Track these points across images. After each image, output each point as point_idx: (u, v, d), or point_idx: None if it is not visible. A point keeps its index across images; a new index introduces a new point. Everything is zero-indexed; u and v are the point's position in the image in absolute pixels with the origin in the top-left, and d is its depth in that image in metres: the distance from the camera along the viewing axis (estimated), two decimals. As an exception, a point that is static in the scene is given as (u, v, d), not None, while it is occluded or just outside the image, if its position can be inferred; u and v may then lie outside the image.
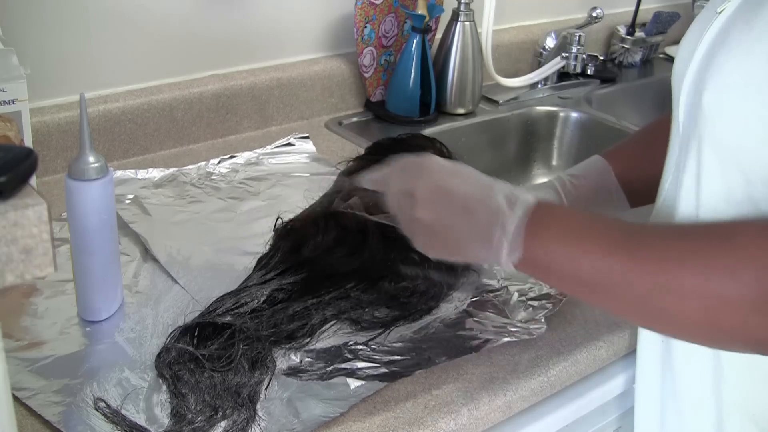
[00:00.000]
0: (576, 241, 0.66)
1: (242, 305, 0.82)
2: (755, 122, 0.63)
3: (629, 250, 0.63)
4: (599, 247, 0.64)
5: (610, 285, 0.64)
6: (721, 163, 0.67)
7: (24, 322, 0.82)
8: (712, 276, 0.59)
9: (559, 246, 0.66)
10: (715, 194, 0.68)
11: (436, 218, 0.70)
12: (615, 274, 0.63)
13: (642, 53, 1.79)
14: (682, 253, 0.61)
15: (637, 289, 0.62)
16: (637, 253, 0.63)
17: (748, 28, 0.65)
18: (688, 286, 0.60)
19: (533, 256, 0.67)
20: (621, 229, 0.66)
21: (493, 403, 0.77)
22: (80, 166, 0.78)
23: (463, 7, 1.40)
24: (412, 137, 1.06)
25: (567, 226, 0.67)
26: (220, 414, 0.70)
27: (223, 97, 1.27)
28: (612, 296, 0.65)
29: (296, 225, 0.93)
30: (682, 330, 0.65)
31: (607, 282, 0.64)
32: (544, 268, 0.68)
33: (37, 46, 1.11)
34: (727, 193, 0.67)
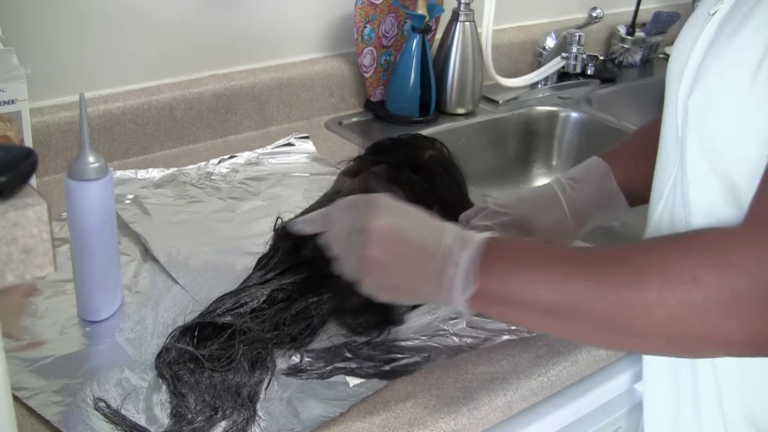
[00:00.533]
0: (531, 269, 0.64)
1: (242, 305, 0.82)
2: (738, 126, 0.63)
3: (588, 271, 0.62)
4: (556, 271, 0.63)
5: (571, 308, 0.62)
6: (708, 166, 0.67)
7: (24, 322, 0.82)
8: (675, 284, 0.58)
9: (514, 276, 0.64)
10: (704, 199, 0.68)
11: (388, 257, 0.68)
12: (575, 296, 0.62)
13: (642, 53, 1.79)
14: (642, 266, 0.60)
15: (600, 308, 0.61)
16: (596, 271, 0.62)
17: (736, 33, 0.65)
18: (652, 297, 0.59)
19: (488, 290, 0.65)
20: (576, 252, 0.66)
21: (493, 403, 0.77)
22: (80, 166, 0.78)
23: (463, 7, 1.40)
24: (412, 137, 1.06)
25: (521, 256, 0.66)
26: (220, 414, 0.70)
27: (223, 97, 1.27)
28: (574, 320, 0.63)
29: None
30: (651, 344, 0.64)
31: (568, 305, 0.62)
32: (501, 301, 0.66)
33: (37, 46, 1.11)
34: (715, 196, 0.67)
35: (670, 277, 0.59)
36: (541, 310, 0.64)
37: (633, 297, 0.60)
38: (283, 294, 0.84)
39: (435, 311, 0.87)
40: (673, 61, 0.75)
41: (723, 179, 0.66)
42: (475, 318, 0.86)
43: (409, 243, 0.68)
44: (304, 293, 0.84)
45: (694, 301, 0.58)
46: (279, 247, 0.90)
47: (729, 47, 0.65)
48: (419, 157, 0.99)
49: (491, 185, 1.43)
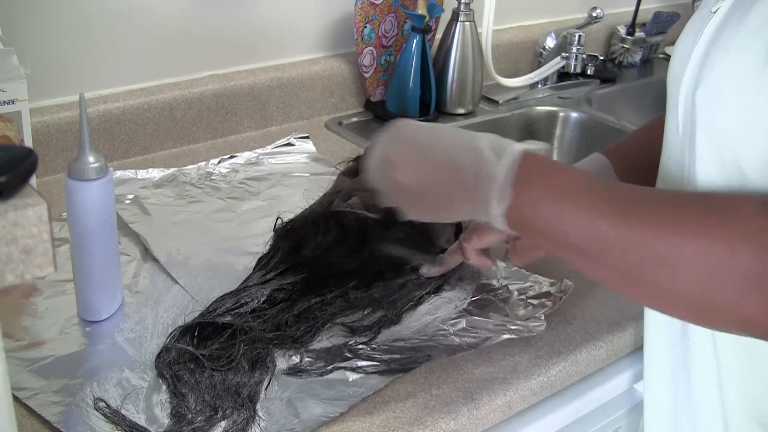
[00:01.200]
0: (566, 199, 0.63)
1: (242, 305, 0.82)
2: (748, 117, 0.63)
3: (623, 215, 0.60)
4: (591, 208, 0.61)
5: (601, 251, 0.61)
6: (716, 158, 0.67)
7: (24, 322, 0.82)
8: (710, 250, 0.57)
9: (547, 203, 0.63)
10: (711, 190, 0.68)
11: (417, 179, 0.68)
12: (607, 240, 0.60)
13: (642, 53, 1.79)
14: (680, 223, 0.58)
15: (629, 257, 0.60)
16: (632, 218, 0.60)
17: (741, 26, 0.65)
18: (684, 258, 0.57)
19: (521, 211, 0.64)
20: (615, 190, 0.63)
21: (493, 403, 0.77)
22: (80, 166, 0.78)
23: (463, 7, 1.40)
24: None
25: (557, 181, 0.64)
26: (220, 414, 0.70)
27: (223, 97, 1.27)
28: (601, 263, 0.62)
29: (296, 225, 0.93)
30: (671, 303, 0.63)
31: (598, 248, 0.61)
32: (532, 226, 0.64)
33: (37, 46, 1.11)
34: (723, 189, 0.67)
35: (705, 241, 0.57)
36: (570, 246, 0.63)
37: (665, 254, 0.58)
38: (284, 294, 0.84)
39: (435, 311, 0.87)
40: (675, 60, 0.75)
41: (731, 171, 0.65)
42: (475, 318, 0.86)
43: (438, 159, 0.67)
44: (305, 293, 0.84)
45: (725, 271, 0.56)
46: (279, 247, 0.91)
47: (735, 39, 0.65)
48: None
49: (491, 185, 1.43)
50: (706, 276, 0.57)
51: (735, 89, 0.64)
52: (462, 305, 0.88)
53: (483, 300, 0.89)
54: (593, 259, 0.63)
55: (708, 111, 0.68)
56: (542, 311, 0.86)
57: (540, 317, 0.86)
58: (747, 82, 0.63)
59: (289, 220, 0.95)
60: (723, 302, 0.57)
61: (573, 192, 0.63)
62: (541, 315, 0.86)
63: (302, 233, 0.90)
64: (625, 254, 0.60)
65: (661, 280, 0.59)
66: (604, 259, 0.62)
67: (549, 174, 0.65)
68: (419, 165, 0.68)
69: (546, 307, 0.87)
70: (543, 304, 0.88)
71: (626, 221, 0.60)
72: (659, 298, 0.63)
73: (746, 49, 0.64)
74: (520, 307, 0.88)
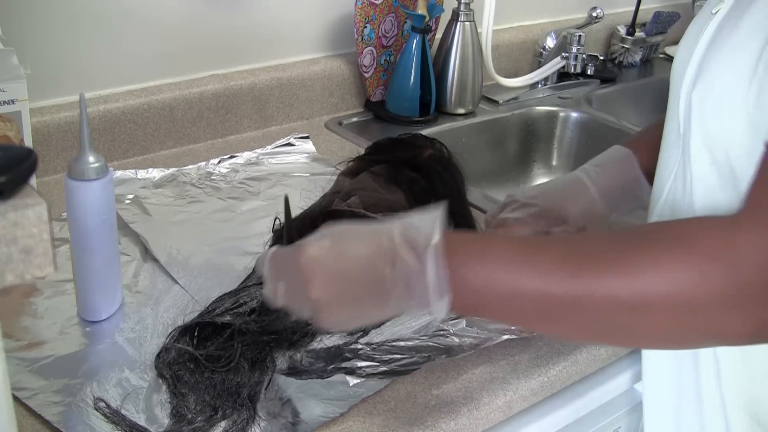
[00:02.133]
0: (511, 279, 0.58)
1: (241, 305, 0.82)
2: (742, 119, 0.63)
3: (577, 270, 0.57)
4: (537, 275, 0.58)
5: (561, 315, 0.58)
6: (709, 156, 0.68)
7: (24, 322, 0.82)
8: (682, 281, 0.56)
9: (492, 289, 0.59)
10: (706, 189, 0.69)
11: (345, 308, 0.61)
12: (564, 303, 0.57)
13: (642, 53, 1.79)
14: (637, 261, 0.56)
15: (595, 312, 0.57)
16: (587, 270, 0.57)
17: (737, 28, 0.65)
18: (657, 297, 0.56)
19: (465, 302, 0.60)
20: (558, 246, 0.60)
21: (493, 403, 0.77)
22: (80, 166, 0.78)
23: (463, 7, 1.40)
24: (412, 137, 1.06)
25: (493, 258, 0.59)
26: (220, 414, 0.70)
27: (223, 97, 1.27)
28: (566, 326, 0.60)
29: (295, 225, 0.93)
30: (651, 341, 0.62)
31: (557, 312, 0.58)
32: (482, 310, 0.61)
33: (37, 46, 1.11)
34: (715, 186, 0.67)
35: (671, 274, 0.56)
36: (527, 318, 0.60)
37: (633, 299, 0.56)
38: None
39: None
40: (677, 61, 0.76)
41: (723, 169, 0.66)
42: (475, 318, 0.86)
43: (355, 272, 0.60)
44: None
45: (701, 297, 0.55)
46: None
47: (730, 39, 0.66)
48: (418, 157, 0.99)
49: (491, 185, 1.43)
50: (683, 307, 0.56)
51: (726, 88, 0.65)
52: (462, 305, 0.88)
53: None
54: (557, 324, 0.60)
55: (701, 110, 0.68)
56: (542, 311, 0.86)
57: (540, 317, 0.86)
58: (738, 81, 0.63)
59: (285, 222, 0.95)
60: (704, 326, 0.57)
61: (512, 264, 0.59)
62: (541, 315, 0.86)
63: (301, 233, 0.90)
64: (591, 312, 0.57)
65: (637, 325, 0.58)
66: (569, 322, 0.59)
67: (479, 254, 0.60)
68: (344, 296, 0.61)
69: (546, 307, 0.87)
70: (543, 304, 0.88)
71: (583, 274, 0.57)
72: (637, 339, 0.62)
73: (740, 49, 0.64)
74: (520, 307, 0.88)
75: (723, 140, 0.66)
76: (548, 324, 0.61)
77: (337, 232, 0.63)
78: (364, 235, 0.62)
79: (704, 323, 0.57)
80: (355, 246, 0.61)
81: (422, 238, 0.59)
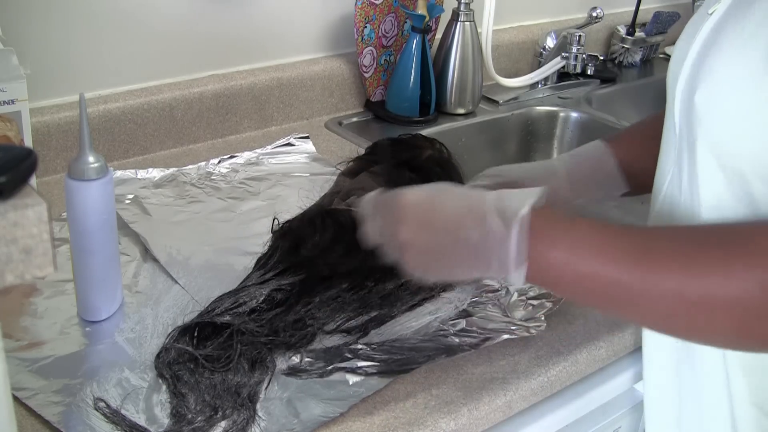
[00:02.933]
0: (587, 257, 0.62)
1: (241, 305, 0.82)
2: (749, 119, 0.63)
3: (648, 264, 0.60)
4: (611, 261, 0.61)
5: (628, 302, 0.61)
6: (718, 163, 0.67)
7: (24, 322, 0.82)
8: (746, 287, 0.57)
9: (569, 264, 0.63)
10: (713, 194, 0.68)
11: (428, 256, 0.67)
12: (633, 291, 0.60)
13: (642, 53, 1.79)
14: (707, 266, 0.58)
15: (660, 303, 0.60)
16: (656, 265, 0.60)
17: (740, 27, 0.65)
18: (716, 298, 0.58)
19: (541, 275, 0.64)
20: (633, 237, 0.63)
21: (493, 403, 0.77)
22: (80, 166, 0.78)
23: (463, 7, 1.40)
24: (412, 137, 1.06)
25: (574, 239, 0.63)
26: (220, 414, 0.70)
27: (223, 97, 1.27)
28: (631, 312, 0.63)
29: (294, 225, 0.93)
30: (711, 340, 0.64)
31: (630, 300, 0.61)
32: (554, 285, 0.65)
33: (37, 46, 1.11)
34: (725, 193, 0.67)
35: (736, 279, 0.57)
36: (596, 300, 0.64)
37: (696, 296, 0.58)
38: (282, 294, 0.84)
39: (435, 311, 0.87)
40: (673, 61, 0.76)
41: (734, 178, 0.66)
42: (475, 318, 0.86)
43: (446, 237, 0.66)
44: (303, 296, 0.84)
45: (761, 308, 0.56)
46: (277, 247, 0.91)
47: (733, 41, 0.66)
48: (418, 157, 1.00)
49: (491, 185, 1.43)
50: (743, 313, 0.57)
51: (733, 91, 0.64)
52: (462, 305, 0.88)
53: (483, 300, 0.89)
54: (622, 309, 0.63)
55: (707, 115, 0.68)
56: (542, 311, 0.86)
57: (540, 317, 0.86)
58: (746, 83, 0.63)
59: (287, 221, 0.95)
60: (762, 334, 0.58)
61: (591, 247, 0.63)
62: (541, 315, 0.86)
63: (300, 233, 0.90)
64: (654, 301, 0.60)
65: (697, 322, 0.60)
66: (633, 309, 0.62)
67: (562, 231, 0.64)
68: (430, 243, 0.67)
69: (546, 307, 0.87)
70: (543, 305, 0.88)
71: (654, 269, 0.60)
72: (698, 336, 0.63)
73: (744, 51, 0.64)
74: (520, 307, 0.88)
75: (731, 146, 0.65)
76: (615, 308, 0.64)
77: (437, 187, 0.70)
78: (461, 195, 0.68)
79: (762, 333, 0.58)
80: (450, 201, 0.67)
81: (512, 209, 0.64)
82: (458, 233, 0.66)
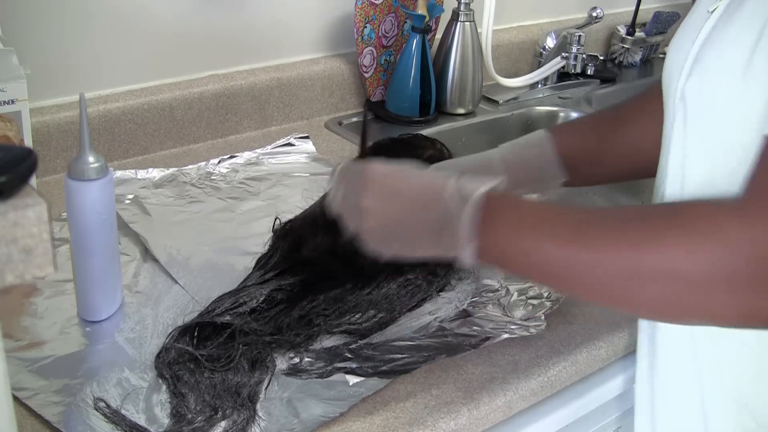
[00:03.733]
0: (530, 232, 0.65)
1: (241, 305, 0.82)
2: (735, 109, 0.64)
3: (585, 239, 0.63)
4: (554, 237, 0.64)
5: (570, 275, 0.64)
6: (703, 148, 0.68)
7: (24, 322, 0.82)
8: (669, 257, 0.59)
9: (513, 239, 0.66)
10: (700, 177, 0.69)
11: (387, 225, 0.70)
12: (573, 265, 0.63)
13: (642, 53, 1.79)
14: (640, 238, 0.61)
15: (597, 277, 0.62)
16: (593, 241, 0.63)
17: (731, 21, 0.66)
18: (646, 269, 0.60)
19: (489, 251, 0.67)
20: (574, 216, 0.66)
21: (493, 403, 0.77)
22: (80, 166, 0.78)
23: (463, 7, 1.40)
24: (412, 137, 1.06)
25: (519, 216, 0.67)
26: (220, 414, 0.70)
27: (223, 97, 1.27)
28: (572, 285, 0.65)
29: (295, 225, 0.93)
30: (649, 312, 0.67)
31: (566, 273, 0.64)
32: (502, 261, 0.68)
33: (37, 46, 1.11)
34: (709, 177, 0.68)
35: (665, 251, 0.59)
36: (540, 275, 0.67)
37: (629, 269, 0.61)
38: (282, 294, 0.84)
39: (435, 311, 0.87)
40: (672, 59, 0.76)
41: (717, 160, 0.67)
42: (475, 318, 0.86)
43: (406, 207, 0.69)
44: (304, 296, 0.84)
45: (689, 276, 0.58)
46: (278, 247, 0.91)
47: (724, 33, 0.67)
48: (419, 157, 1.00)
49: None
50: (672, 282, 0.59)
51: (721, 81, 0.66)
52: (462, 305, 0.88)
53: (483, 300, 0.89)
54: (564, 283, 0.66)
55: (695, 101, 0.69)
56: (542, 311, 0.87)
57: (540, 317, 0.86)
58: (733, 74, 0.64)
59: (287, 221, 0.95)
60: (693, 304, 0.60)
61: (534, 224, 0.66)
62: (541, 315, 0.86)
63: (301, 233, 0.90)
64: (594, 275, 0.63)
65: (632, 294, 0.62)
66: (574, 282, 0.65)
67: (509, 210, 0.67)
68: (389, 212, 0.70)
69: (546, 307, 0.87)
70: (543, 304, 0.88)
71: (588, 244, 0.63)
72: (637, 308, 0.66)
73: (734, 41, 0.65)
74: (520, 307, 0.88)
75: (717, 130, 0.67)
76: (557, 283, 0.68)
77: (405, 164, 0.73)
78: (426, 174, 0.72)
79: (696, 302, 0.60)
80: (415, 177, 0.71)
81: (470, 188, 0.68)
82: (418, 204, 0.69)
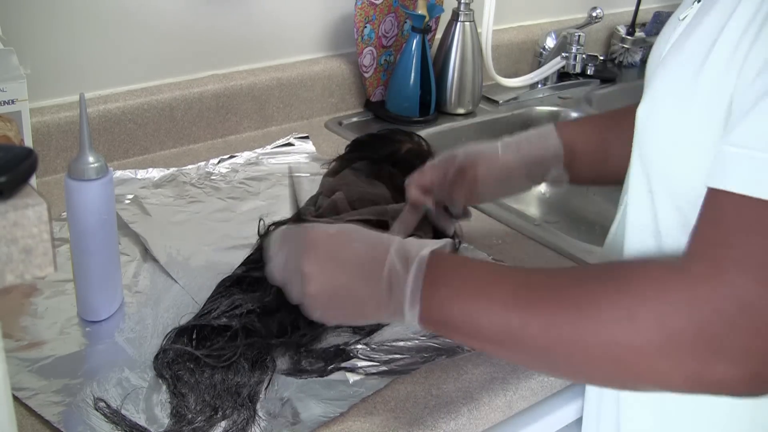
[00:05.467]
0: (471, 297, 0.62)
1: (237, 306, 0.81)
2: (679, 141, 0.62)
3: (526, 302, 0.60)
4: (495, 301, 0.61)
5: (511, 340, 0.60)
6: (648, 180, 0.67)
7: (24, 322, 0.82)
8: (612, 322, 0.56)
9: (455, 304, 0.62)
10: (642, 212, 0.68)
11: (330, 290, 0.66)
12: (514, 330, 0.60)
13: (642, 53, 1.79)
14: (580, 301, 0.58)
15: (539, 342, 0.59)
16: (534, 304, 0.60)
17: (682, 48, 0.64)
18: (589, 335, 0.57)
19: (432, 314, 0.64)
20: (516, 278, 0.63)
21: (493, 403, 0.77)
22: (80, 166, 0.78)
23: (463, 7, 1.40)
24: (390, 132, 1.07)
25: (462, 279, 0.64)
26: (220, 414, 0.70)
27: (223, 97, 1.27)
28: (515, 351, 0.62)
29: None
30: (591, 378, 0.64)
31: (508, 338, 0.60)
32: (445, 325, 0.64)
33: (37, 46, 1.11)
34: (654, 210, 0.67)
35: (606, 315, 0.56)
36: (483, 339, 0.62)
37: (570, 334, 0.57)
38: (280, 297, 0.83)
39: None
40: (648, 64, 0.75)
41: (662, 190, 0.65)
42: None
43: (348, 273, 0.66)
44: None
45: (630, 340, 0.55)
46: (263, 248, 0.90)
47: (676, 56, 0.64)
48: (398, 151, 1.01)
49: (491, 185, 1.43)
50: (615, 348, 0.56)
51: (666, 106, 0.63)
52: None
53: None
54: (506, 349, 0.62)
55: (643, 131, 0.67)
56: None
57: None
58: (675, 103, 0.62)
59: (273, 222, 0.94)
60: (638, 370, 0.56)
61: (476, 287, 0.63)
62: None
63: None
64: (534, 340, 0.59)
65: (575, 359, 0.59)
66: (515, 348, 0.61)
67: (452, 273, 0.64)
68: (332, 277, 0.66)
69: (546, 307, 0.87)
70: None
71: (529, 308, 0.59)
72: (579, 375, 0.63)
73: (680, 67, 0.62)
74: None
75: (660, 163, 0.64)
76: (498, 348, 0.63)
77: (346, 227, 0.70)
78: (368, 236, 0.68)
79: (638, 368, 0.56)
80: (358, 240, 0.68)
81: (414, 251, 0.65)
82: (361, 269, 0.66)
